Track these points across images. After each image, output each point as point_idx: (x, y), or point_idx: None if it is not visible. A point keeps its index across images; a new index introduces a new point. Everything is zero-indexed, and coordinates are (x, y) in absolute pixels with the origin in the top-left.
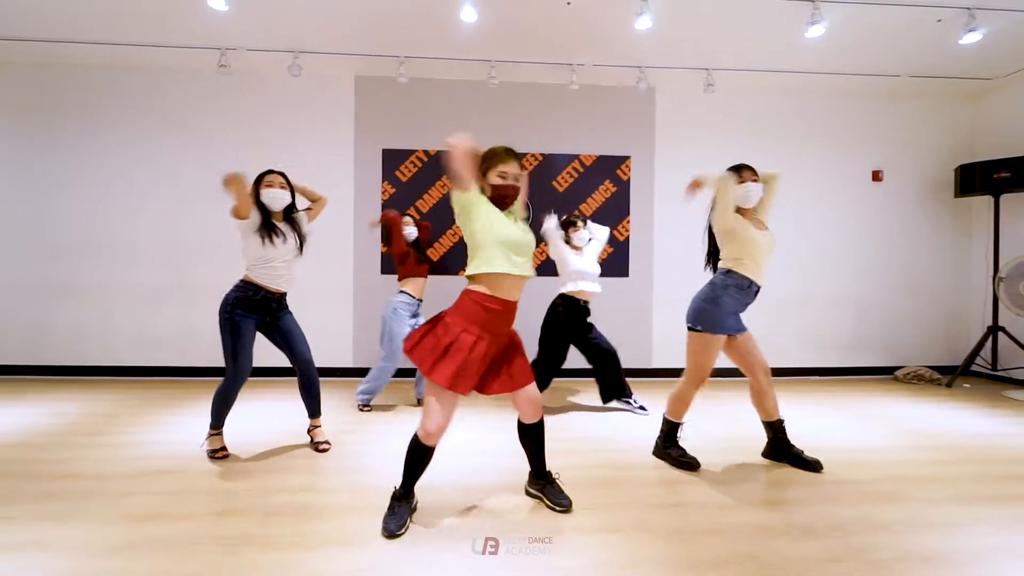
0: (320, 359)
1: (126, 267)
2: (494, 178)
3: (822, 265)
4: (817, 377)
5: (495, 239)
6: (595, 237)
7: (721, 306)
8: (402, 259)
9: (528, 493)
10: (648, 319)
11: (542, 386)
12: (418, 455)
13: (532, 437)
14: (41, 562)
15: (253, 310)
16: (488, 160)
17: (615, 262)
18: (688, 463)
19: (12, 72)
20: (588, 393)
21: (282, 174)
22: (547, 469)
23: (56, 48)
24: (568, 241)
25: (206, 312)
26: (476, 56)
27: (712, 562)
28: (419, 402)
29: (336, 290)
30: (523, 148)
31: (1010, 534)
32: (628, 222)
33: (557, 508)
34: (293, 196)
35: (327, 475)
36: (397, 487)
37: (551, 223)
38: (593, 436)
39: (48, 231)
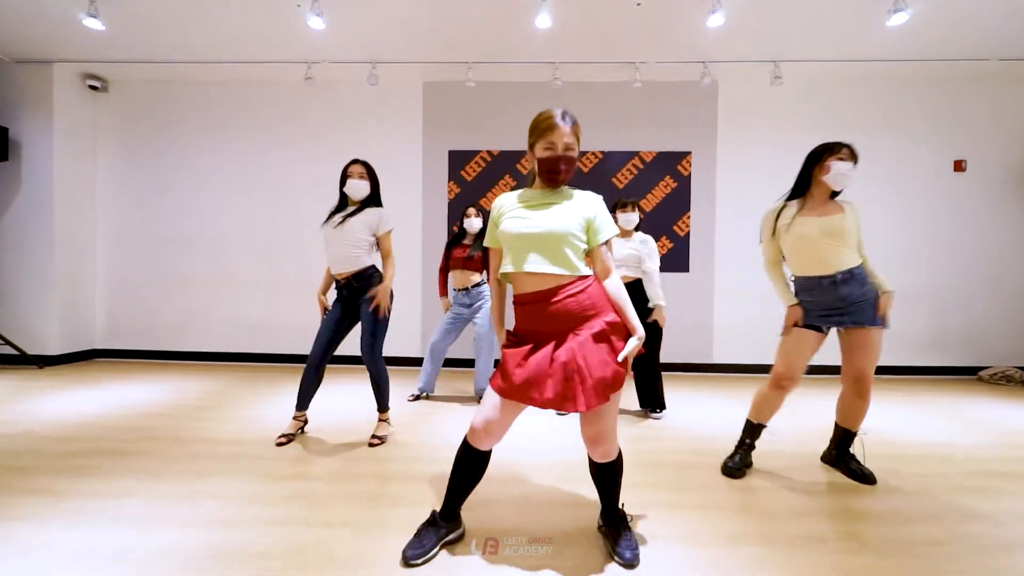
0: (390, 349)
1: (224, 261)
2: (541, 151)
3: (895, 259)
4: (890, 376)
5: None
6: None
7: (804, 307)
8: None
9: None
10: (709, 314)
11: None
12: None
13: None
14: (213, 507)
15: (338, 294)
16: (533, 133)
17: (675, 258)
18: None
19: (130, 89)
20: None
21: (364, 164)
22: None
23: (167, 68)
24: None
25: (291, 302)
26: (541, 59)
27: (808, 538)
28: (479, 399)
29: (405, 283)
30: (582, 147)
31: None
32: (688, 218)
33: (619, 561)
34: (375, 185)
35: (433, 449)
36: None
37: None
38: (681, 424)
39: (157, 229)
